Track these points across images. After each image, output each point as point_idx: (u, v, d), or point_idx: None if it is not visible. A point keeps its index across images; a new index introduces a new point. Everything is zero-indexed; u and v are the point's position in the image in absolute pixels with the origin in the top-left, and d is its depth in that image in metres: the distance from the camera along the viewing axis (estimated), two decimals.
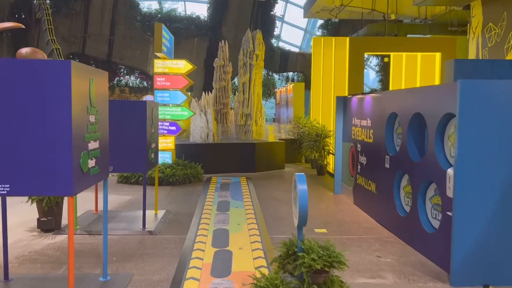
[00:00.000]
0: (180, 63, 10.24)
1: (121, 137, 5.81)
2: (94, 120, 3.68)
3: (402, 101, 5.78)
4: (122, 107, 5.86)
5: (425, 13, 17.01)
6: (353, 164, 7.92)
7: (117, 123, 5.76)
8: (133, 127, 5.83)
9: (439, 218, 4.83)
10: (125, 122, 5.81)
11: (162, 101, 10.35)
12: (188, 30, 23.53)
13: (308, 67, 28.45)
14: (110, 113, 5.83)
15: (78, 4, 20.48)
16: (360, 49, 10.28)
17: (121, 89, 22.31)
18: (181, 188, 9.27)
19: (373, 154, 6.84)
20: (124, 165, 5.89)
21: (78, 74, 3.29)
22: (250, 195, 8.29)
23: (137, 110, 5.84)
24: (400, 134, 5.94)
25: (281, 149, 12.44)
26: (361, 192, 7.46)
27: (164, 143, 10.25)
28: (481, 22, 11.57)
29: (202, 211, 7.00)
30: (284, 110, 18.66)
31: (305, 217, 3.37)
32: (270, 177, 10.98)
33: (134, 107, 5.87)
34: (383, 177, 6.37)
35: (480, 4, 11.32)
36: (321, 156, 11.07)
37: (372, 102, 6.90)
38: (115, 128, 5.77)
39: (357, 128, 7.64)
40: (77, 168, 3.29)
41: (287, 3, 28.58)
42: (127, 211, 7.14)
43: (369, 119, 7.01)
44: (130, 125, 5.82)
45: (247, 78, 13.25)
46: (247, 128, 13.17)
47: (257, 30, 13.53)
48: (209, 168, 10.96)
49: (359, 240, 5.74)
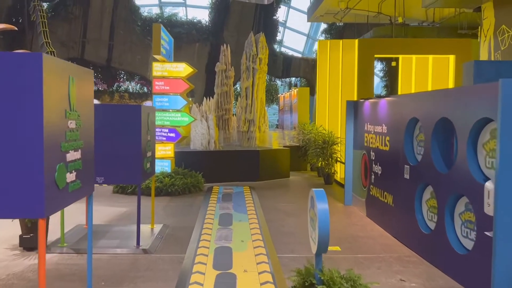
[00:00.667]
0: (180, 66, 9.71)
1: (113, 145, 5.25)
2: (74, 126, 3.12)
3: (425, 105, 5.21)
4: (114, 112, 5.31)
5: (433, 16, 16.53)
6: (365, 173, 7.34)
7: (109, 129, 5.23)
8: (126, 134, 5.27)
9: (473, 237, 4.24)
10: (117, 128, 5.26)
11: (161, 106, 9.81)
12: (189, 35, 23.08)
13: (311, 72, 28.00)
14: (101, 118, 5.29)
15: (77, 8, 20.04)
16: (370, 51, 9.75)
17: (120, 94, 21.81)
18: (180, 199, 8.69)
19: (390, 163, 6.26)
20: (116, 176, 5.33)
21: (53, 71, 2.73)
22: (254, 207, 7.70)
23: (131, 115, 5.29)
24: (422, 141, 5.36)
25: (285, 156, 11.86)
26: (375, 204, 6.86)
27: (163, 151, 9.69)
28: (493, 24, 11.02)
29: (203, 225, 6.41)
30: (288, 116, 18.11)
31: (326, 243, 2.79)
32: (275, 186, 10.40)
33: (127, 112, 5.32)
34: (402, 189, 5.78)
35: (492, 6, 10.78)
36: (329, 164, 10.48)
37: (389, 107, 6.33)
38: (106, 135, 5.23)
39: (371, 135, 7.07)
40: (50, 184, 2.72)
41: (289, 8, 28.19)
42: (121, 225, 6.56)
43: (385, 125, 6.44)
44: (123, 132, 5.26)
45: (250, 82, 12.72)
46: (250, 135, 12.61)
47: (261, 33, 13.03)
48: (211, 176, 10.38)
49: (377, 259, 5.14)
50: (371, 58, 9.82)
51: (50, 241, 5.54)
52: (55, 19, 19.78)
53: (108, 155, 5.25)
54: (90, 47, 20.88)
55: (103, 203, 8.14)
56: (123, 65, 21.81)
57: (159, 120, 9.80)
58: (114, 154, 5.25)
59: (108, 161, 5.26)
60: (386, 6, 16.00)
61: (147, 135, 5.67)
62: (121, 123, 5.27)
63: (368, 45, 9.85)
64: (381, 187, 6.60)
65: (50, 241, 5.54)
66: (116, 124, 5.26)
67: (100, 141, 5.24)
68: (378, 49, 9.88)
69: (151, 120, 5.99)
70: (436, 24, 17.17)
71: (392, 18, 16.57)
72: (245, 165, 10.98)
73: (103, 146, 5.24)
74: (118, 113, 5.30)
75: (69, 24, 20.09)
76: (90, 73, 3.48)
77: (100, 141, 5.24)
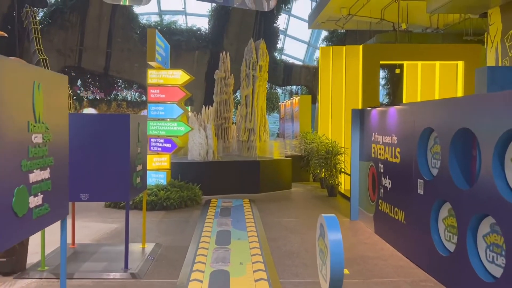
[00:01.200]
0: (176, 73, 9.27)
1: (99, 158, 4.79)
2: (41, 141, 2.65)
3: (441, 113, 4.75)
4: (100, 122, 4.85)
5: (437, 22, 16.17)
6: (373, 187, 6.85)
7: (94, 141, 4.77)
8: (113, 146, 4.80)
9: (500, 263, 3.74)
10: (103, 140, 4.80)
11: (156, 115, 9.35)
12: (188, 43, 22.72)
13: (312, 80, 27.59)
14: (85, 130, 4.84)
15: (74, 15, 19.68)
16: (375, 57, 9.32)
17: (118, 103, 21.36)
18: (176, 214, 8.19)
19: (401, 176, 5.78)
20: (102, 192, 4.85)
21: (9, 74, 2.27)
22: (254, 223, 7.20)
23: (118, 126, 4.83)
24: (438, 153, 4.88)
25: (287, 167, 11.37)
26: (384, 220, 6.37)
27: (158, 162, 9.22)
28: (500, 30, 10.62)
29: (198, 244, 5.92)
30: (289, 124, 17.65)
31: (339, 282, 2.30)
32: (276, 199, 9.90)
33: (114, 122, 4.86)
34: (415, 205, 5.29)
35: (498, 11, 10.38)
36: (332, 175, 10.00)
37: (399, 115, 5.86)
38: (91, 147, 4.77)
39: (379, 146, 6.59)
40: (6, 211, 2.24)
41: (289, 16, 27.90)
42: (110, 244, 6.06)
43: (395, 135, 5.97)
44: (109, 144, 4.80)
45: (250, 90, 12.29)
46: (250, 144, 12.15)
47: (261, 39, 12.64)
48: (209, 188, 9.90)
49: (391, 284, 4.64)
50: (376, 64, 9.39)
51: (29, 264, 5.05)
52: (51, 26, 19.43)
53: (93, 170, 4.79)
54: (87, 55, 20.49)
55: (94, 219, 7.65)
56: (121, 73, 21.41)
57: (154, 129, 9.35)
58: (100, 169, 4.79)
59: (94, 176, 4.80)
60: (389, 13, 15.64)
61: (137, 147, 5.20)
62: (107, 134, 4.81)
63: (373, 51, 9.42)
64: (391, 202, 6.11)
65: (29, 264, 5.05)
66: (102, 136, 4.80)
67: (84, 154, 4.79)
68: (384, 55, 9.45)
69: (142, 130, 5.53)
70: (441, 30, 16.82)
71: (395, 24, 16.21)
72: (245, 176, 10.50)
73: (87, 160, 4.79)
74: (104, 124, 4.84)
75: (65, 32, 19.72)
76: (63, 78, 3.02)
77: (84, 154, 4.79)
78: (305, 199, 9.83)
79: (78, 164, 4.74)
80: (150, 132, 9.34)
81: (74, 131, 4.78)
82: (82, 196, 4.83)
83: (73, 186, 4.81)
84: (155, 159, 9.18)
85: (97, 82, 21.31)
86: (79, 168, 4.74)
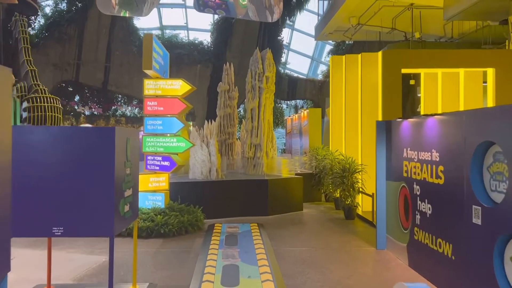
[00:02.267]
0: (176, 83, 8.36)
1: (75, 182, 3.82)
2: None
3: (507, 124, 3.77)
4: (75, 136, 3.89)
5: (451, 31, 15.38)
6: (406, 212, 5.83)
7: (68, 161, 3.81)
8: (93, 167, 3.83)
9: None
10: (80, 159, 3.83)
11: (153, 130, 8.41)
12: (190, 56, 22.03)
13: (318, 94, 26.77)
14: (58, 147, 3.88)
15: (71, 28, 18.99)
16: (397, 65, 8.40)
17: (117, 119, 20.50)
18: (175, 242, 7.16)
19: (446, 201, 4.77)
20: (79, 225, 3.86)
21: None
22: (265, 255, 6.16)
23: (100, 141, 3.86)
24: (500, 174, 3.89)
25: (298, 186, 10.36)
26: (423, 252, 5.33)
27: (156, 182, 8.24)
28: None
29: (201, 285, 4.88)
30: (296, 139, 16.68)
31: None
32: (287, 222, 8.85)
33: (94, 137, 3.89)
34: (469, 238, 4.27)
35: None
36: (350, 195, 8.98)
37: (442, 127, 4.89)
38: (66, 169, 3.81)
39: (413, 163, 5.60)
40: None
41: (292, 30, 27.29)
42: (94, 285, 5.03)
43: (436, 150, 4.98)
44: (88, 164, 3.83)
45: (256, 103, 11.38)
46: (257, 161, 11.17)
47: (267, 49, 11.80)
48: (212, 211, 8.89)
49: None
50: (398, 72, 8.47)
51: None
52: (47, 40, 18.73)
53: (69, 197, 3.81)
54: (85, 69, 19.75)
55: (80, 249, 6.64)
56: (120, 87, 20.64)
57: (152, 146, 8.39)
58: (76, 196, 3.81)
59: (69, 205, 3.81)
60: (400, 22, 14.88)
61: (124, 167, 4.22)
62: (86, 152, 3.84)
63: (395, 58, 8.51)
64: (433, 232, 5.08)
65: None
66: (80, 154, 3.83)
67: (57, 177, 3.82)
68: (406, 62, 8.54)
69: (133, 146, 4.56)
70: (455, 39, 16.02)
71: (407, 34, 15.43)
72: (252, 197, 9.49)
73: (61, 185, 3.81)
74: (83, 139, 3.88)
75: (62, 46, 19.02)
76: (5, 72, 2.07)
77: (57, 177, 3.82)
78: (320, 223, 8.79)
79: (49, 190, 3.77)
80: (146, 149, 8.39)
81: (43, 148, 3.83)
82: (55, 230, 3.83)
83: (43, 217, 3.83)
84: (152, 179, 8.20)
85: (95, 97, 20.50)
86: (50, 194, 3.77)
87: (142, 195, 8.04)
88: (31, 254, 6.35)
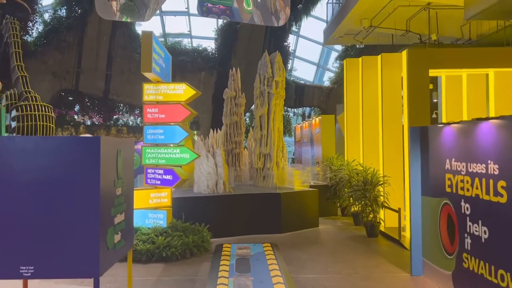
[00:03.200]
0: (178, 87, 7.55)
1: (50, 208, 2.99)
2: None
3: None
4: (50, 149, 3.06)
5: (469, 33, 14.58)
6: (451, 233, 4.94)
7: (41, 181, 2.98)
8: (73, 188, 3.00)
9: None
10: (57, 179, 3.00)
11: (154, 140, 7.59)
12: (194, 63, 21.29)
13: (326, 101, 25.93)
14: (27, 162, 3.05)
15: (71, 35, 18.31)
16: (424, 65, 7.57)
17: (118, 129, 19.72)
18: (178, 268, 6.28)
19: (510, 223, 3.88)
20: (55, 263, 3.02)
21: None
22: (284, 285, 5.26)
23: (81, 155, 3.03)
24: None
25: (313, 199, 9.47)
26: (474, 282, 4.43)
27: (157, 199, 7.39)
28: None
29: None
30: (307, 148, 15.79)
31: None
32: (304, 242, 7.95)
33: (74, 149, 3.06)
34: None
35: None
36: (372, 210, 8.08)
37: (502, 133, 4.02)
38: (37, 191, 2.99)
39: (459, 176, 4.72)
40: None
41: (298, 37, 26.60)
42: None
43: (494, 162, 4.11)
44: (66, 184, 3.00)
45: (265, 110, 10.56)
46: (266, 172, 10.31)
47: (276, 52, 11.00)
48: (219, 228, 8.03)
49: None
50: (425, 73, 7.62)
51: None
52: (46, 47, 18.06)
53: (41, 228, 2.98)
54: (85, 77, 19.03)
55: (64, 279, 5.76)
56: (121, 96, 19.89)
57: (152, 158, 7.56)
58: (51, 227, 2.97)
59: (41, 238, 2.98)
60: (415, 23, 14.09)
61: (114, 187, 3.38)
62: (64, 170, 3.02)
63: (422, 57, 7.67)
64: (490, 260, 4.18)
65: None
66: (55, 173, 3.00)
67: (27, 203, 2.99)
68: (435, 62, 7.69)
69: (126, 160, 3.72)
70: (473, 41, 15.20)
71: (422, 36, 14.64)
72: (264, 212, 8.61)
73: (31, 212, 2.98)
74: (60, 152, 3.05)
75: (61, 53, 18.32)
76: None
77: (27, 203, 2.99)
78: (340, 242, 7.88)
79: (16, 219, 2.94)
80: (146, 161, 7.56)
81: (8, 165, 3.00)
82: (23, 271, 2.99)
83: (8, 254, 2.99)
84: (152, 194, 7.36)
85: (96, 107, 19.77)
86: (16, 224, 2.94)
87: (142, 212, 7.19)
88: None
